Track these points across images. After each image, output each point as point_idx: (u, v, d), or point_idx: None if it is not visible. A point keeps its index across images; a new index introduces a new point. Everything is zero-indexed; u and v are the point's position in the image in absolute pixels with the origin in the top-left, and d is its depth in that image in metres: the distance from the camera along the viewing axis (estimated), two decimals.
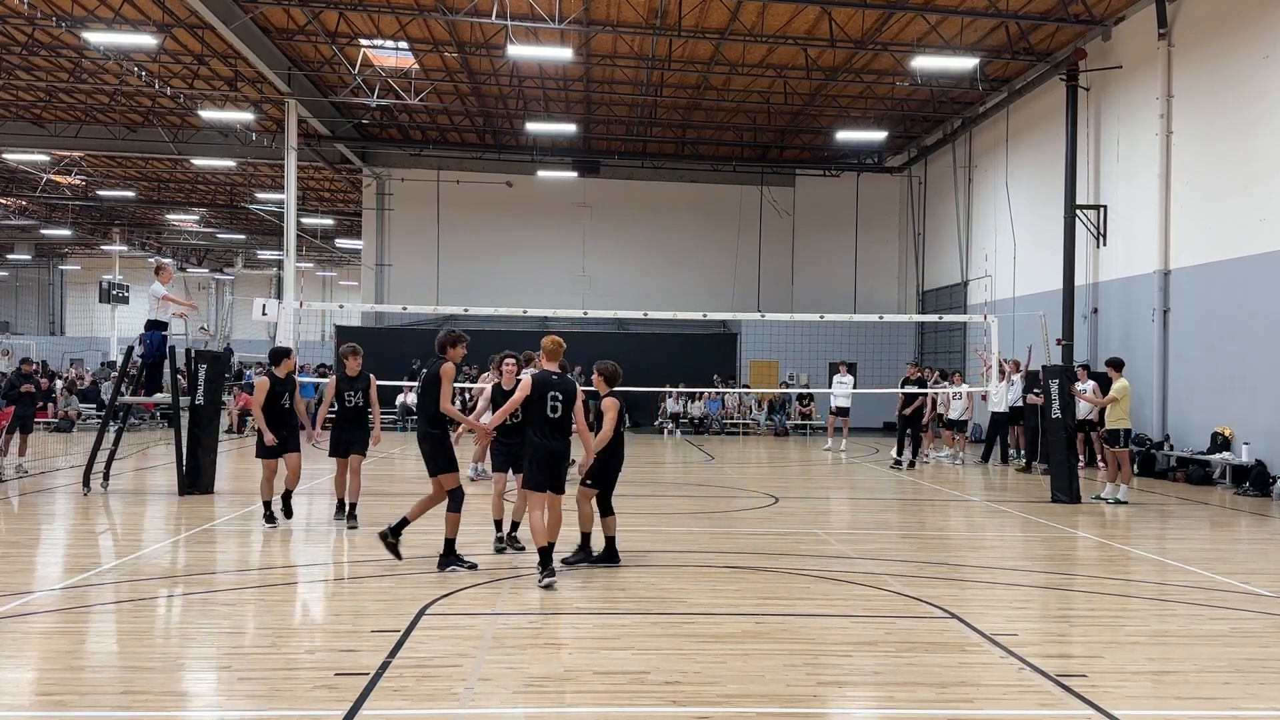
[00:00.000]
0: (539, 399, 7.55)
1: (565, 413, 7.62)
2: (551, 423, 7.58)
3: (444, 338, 8.15)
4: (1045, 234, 21.00)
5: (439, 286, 29.92)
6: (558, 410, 7.57)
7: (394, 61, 23.11)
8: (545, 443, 7.58)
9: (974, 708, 5.00)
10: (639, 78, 24.31)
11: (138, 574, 7.91)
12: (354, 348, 10.42)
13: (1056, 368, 14.42)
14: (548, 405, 7.54)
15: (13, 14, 20.35)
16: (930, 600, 7.23)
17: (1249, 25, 15.40)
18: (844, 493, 14.70)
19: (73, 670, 5.42)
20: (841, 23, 19.95)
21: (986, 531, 11.12)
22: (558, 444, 7.63)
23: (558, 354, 7.78)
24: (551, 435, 7.59)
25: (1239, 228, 15.45)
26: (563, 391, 7.62)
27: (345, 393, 10.30)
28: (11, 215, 41.80)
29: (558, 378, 7.68)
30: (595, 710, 4.88)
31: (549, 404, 7.55)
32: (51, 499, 12.56)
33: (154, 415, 26.15)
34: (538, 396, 7.55)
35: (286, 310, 17.55)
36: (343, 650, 5.79)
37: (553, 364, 7.75)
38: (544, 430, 7.58)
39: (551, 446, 7.60)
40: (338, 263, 53.62)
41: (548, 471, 7.62)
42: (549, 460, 7.61)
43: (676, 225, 31.36)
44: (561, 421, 7.62)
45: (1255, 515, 12.49)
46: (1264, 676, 5.58)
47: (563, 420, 7.63)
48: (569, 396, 7.63)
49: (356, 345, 10.53)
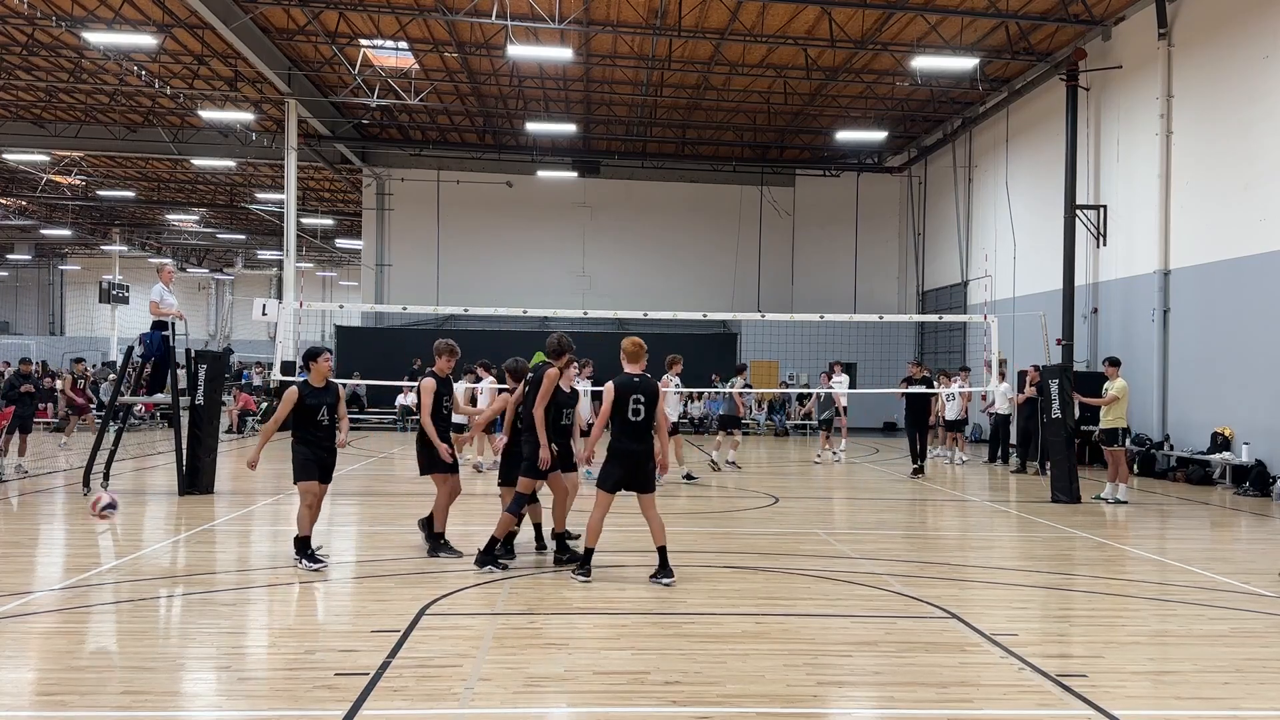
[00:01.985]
0: (621, 402, 7.61)
1: (648, 415, 7.68)
2: (633, 425, 7.64)
3: (554, 344, 8.31)
4: (1045, 234, 21.01)
5: (439, 286, 29.93)
6: (640, 413, 7.64)
7: (394, 61, 23.11)
8: (627, 445, 7.64)
9: (974, 708, 5.00)
10: (639, 78, 24.32)
11: (138, 574, 7.91)
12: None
13: (1056, 368, 14.41)
14: (629, 409, 7.63)
15: (13, 14, 20.34)
16: (930, 600, 7.23)
17: (1249, 25, 15.40)
18: (844, 493, 14.70)
19: (73, 670, 5.42)
20: (841, 23, 19.95)
21: (987, 531, 11.12)
22: (639, 445, 7.68)
23: (639, 356, 7.80)
24: (633, 437, 7.64)
25: (1239, 228, 15.46)
26: (645, 394, 7.68)
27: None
28: (11, 215, 41.82)
29: (639, 380, 7.72)
30: (595, 710, 4.88)
31: (631, 407, 7.63)
32: (51, 499, 12.56)
33: (154, 415, 26.14)
34: (621, 398, 7.61)
35: (286, 310, 17.54)
36: (343, 650, 5.79)
37: (634, 366, 7.78)
38: (626, 432, 7.64)
39: (633, 448, 7.65)
40: (338, 263, 53.62)
41: (627, 472, 7.66)
42: (629, 461, 7.64)
43: (676, 225, 31.37)
44: (644, 424, 7.67)
45: (1255, 515, 12.49)
46: (1264, 676, 5.58)
47: (645, 422, 7.68)
48: (651, 398, 7.70)
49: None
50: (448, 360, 8.72)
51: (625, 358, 7.82)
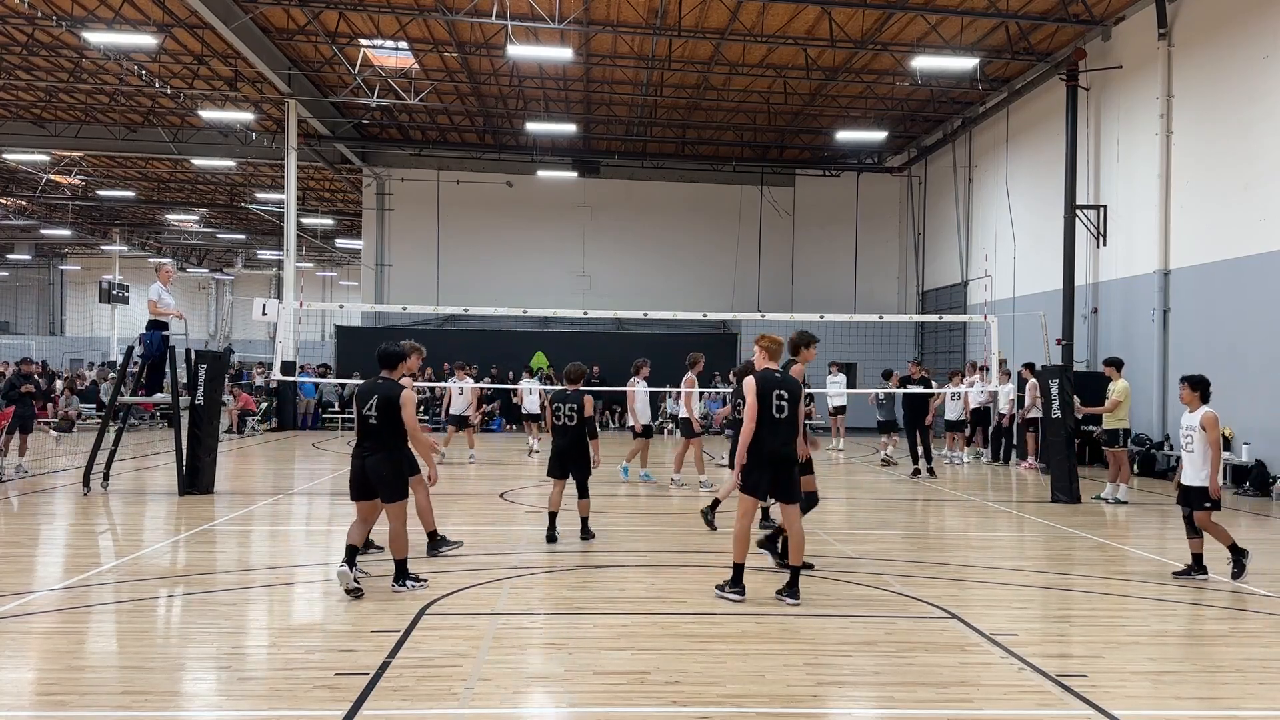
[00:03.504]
0: (764, 397, 7.11)
1: (792, 412, 7.18)
2: (776, 422, 7.11)
3: (798, 337, 8.31)
4: (1045, 234, 21.01)
5: (439, 286, 29.92)
6: (784, 410, 7.13)
7: (394, 61, 23.11)
8: (773, 445, 7.10)
9: (974, 708, 5.00)
10: (639, 78, 24.31)
11: (138, 574, 7.91)
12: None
13: (1056, 368, 14.41)
14: (773, 405, 7.11)
15: (13, 14, 20.34)
16: (930, 600, 7.23)
17: (1249, 25, 15.40)
18: (844, 493, 14.69)
19: (73, 670, 5.42)
20: (841, 23, 19.95)
21: (986, 531, 11.12)
22: (786, 446, 7.16)
23: (778, 353, 7.46)
24: (777, 436, 7.12)
25: (1239, 228, 15.45)
26: (788, 390, 7.21)
27: None
28: (11, 215, 41.80)
29: (780, 375, 7.29)
30: (595, 710, 4.88)
31: (775, 403, 7.12)
32: (51, 499, 12.56)
33: (154, 415, 26.14)
34: (764, 394, 7.11)
35: (286, 310, 17.54)
36: (343, 650, 5.79)
37: (774, 363, 7.40)
38: (771, 431, 7.10)
39: (779, 450, 7.11)
40: (338, 263, 53.61)
41: (773, 476, 7.12)
42: (774, 463, 7.11)
43: (676, 225, 31.37)
44: (790, 421, 7.17)
45: (1255, 515, 12.49)
46: (1264, 676, 5.58)
47: (790, 420, 7.18)
48: (795, 395, 7.23)
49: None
50: (417, 359, 9.42)
51: (763, 353, 7.41)
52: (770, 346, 7.43)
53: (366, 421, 7.27)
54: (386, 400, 7.24)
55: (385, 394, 7.27)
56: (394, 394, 7.26)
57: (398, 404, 7.22)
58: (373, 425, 7.23)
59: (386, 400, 7.24)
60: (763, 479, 7.11)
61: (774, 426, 7.11)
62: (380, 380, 7.39)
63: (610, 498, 13.11)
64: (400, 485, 7.30)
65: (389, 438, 7.25)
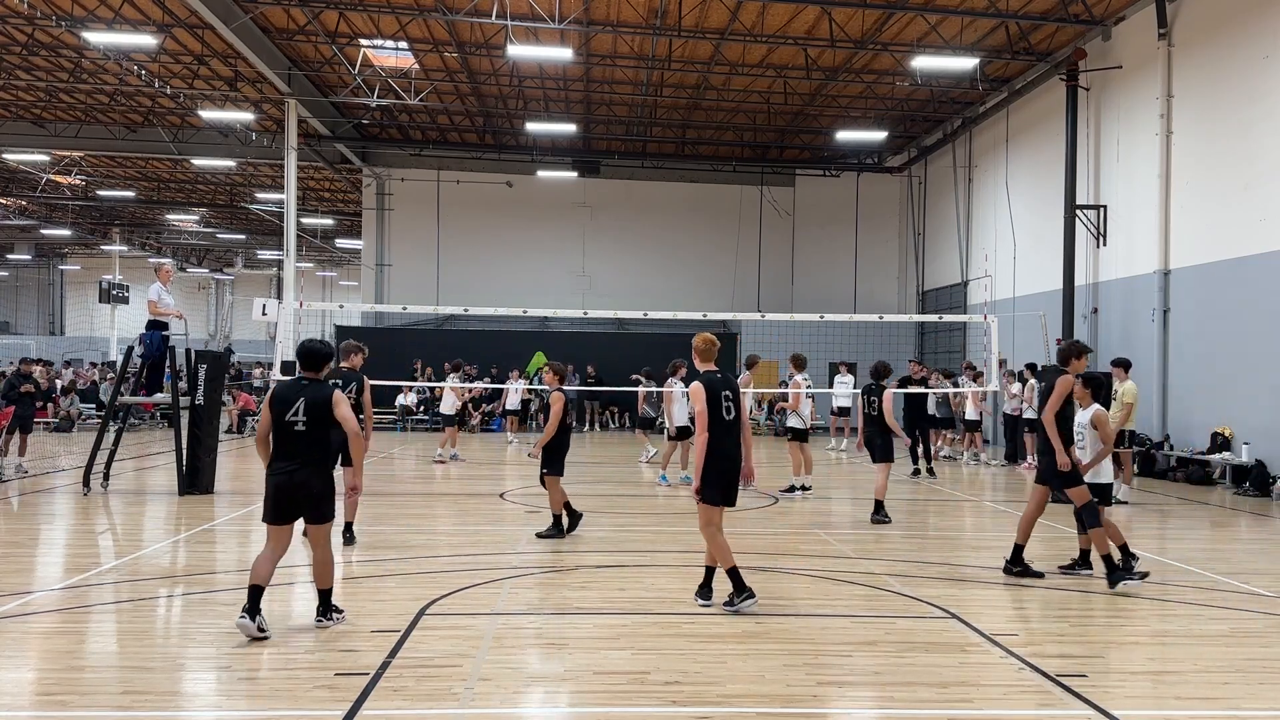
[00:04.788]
0: (713, 400, 6.88)
1: (737, 412, 6.99)
2: (727, 425, 6.90)
3: (1067, 348, 8.27)
4: (1045, 234, 21.01)
5: (439, 286, 29.93)
6: (731, 411, 6.93)
7: (394, 61, 23.11)
8: (729, 450, 6.88)
9: (974, 708, 5.00)
10: (639, 78, 24.31)
11: (138, 574, 7.91)
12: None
13: (1055, 368, 14.36)
14: (722, 407, 6.90)
15: (13, 14, 20.34)
16: (930, 600, 7.23)
17: (1249, 25, 15.40)
18: (845, 493, 14.69)
19: (73, 670, 5.42)
20: (841, 23, 19.95)
21: (987, 531, 11.12)
22: (739, 447, 6.97)
23: (712, 353, 7.17)
24: (730, 438, 6.91)
25: (1239, 228, 15.45)
26: (732, 389, 7.02)
27: None
28: (11, 215, 41.81)
29: (722, 375, 7.06)
30: (595, 710, 4.88)
31: (723, 405, 6.90)
32: (51, 499, 12.56)
33: (154, 415, 26.15)
34: (712, 398, 6.88)
35: (286, 310, 17.56)
36: (343, 650, 5.79)
37: (709, 364, 7.12)
38: (723, 435, 6.87)
39: (734, 453, 6.92)
40: (338, 263, 53.63)
41: (731, 481, 6.94)
42: (731, 468, 6.92)
43: (676, 225, 31.37)
44: (736, 423, 6.97)
45: (1255, 515, 12.49)
46: (1264, 676, 5.58)
47: (737, 420, 6.98)
48: (738, 393, 7.05)
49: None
50: (360, 358, 9.49)
51: (698, 355, 7.20)
52: (704, 348, 7.18)
53: (290, 430, 6.25)
54: (316, 404, 6.27)
55: (314, 398, 6.29)
56: (324, 396, 6.32)
57: (330, 406, 6.29)
58: (299, 433, 6.25)
59: (316, 404, 6.27)
60: (722, 485, 6.87)
61: (727, 429, 6.90)
62: (304, 382, 6.39)
63: (611, 498, 13.12)
64: (333, 504, 6.45)
65: (320, 448, 6.35)
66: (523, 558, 8.63)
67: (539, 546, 9.24)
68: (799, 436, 13.96)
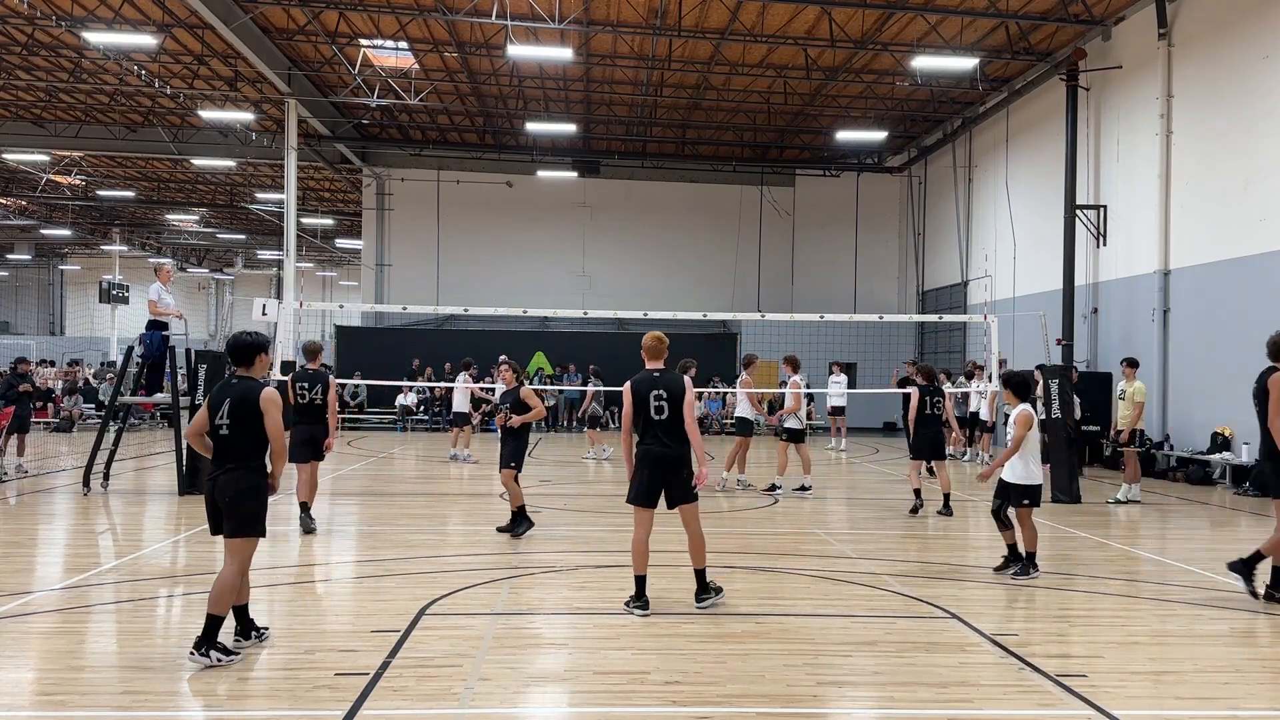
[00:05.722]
0: (641, 400, 6.81)
1: (673, 412, 6.81)
2: (657, 424, 6.80)
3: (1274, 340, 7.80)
4: (1045, 234, 21.01)
5: (439, 286, 29.93)
6: (664, 410, 6.79)
7: (394, 61, 23.10)
8: (650, 448, 6.80)
9: (974, 708, 5.00)
10: (639, 78, 24.31)
11: (138, 574, 7.91)
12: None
13: (1056, 368, 14.40)
14: (651, 406, 6.79)
15: (13, 14, 20.33)
16: (930, 600, 7.23)
17: (1249, 25, 15.40)
18: (844, 493, 14.69)
19: (73, 670, 5.42)
20: (841, 23, 19.95)
21: (987, 532, 11.10)
22: (667, 449, 6.79)
23: (660, 352, 7.04)
24: (658, 439, 6.80)
25: (1239, 227, 15.45)
26: (668, 389, 6.84)
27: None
28: (11, 215, 41.79)
29: (658, 375, 6.91)
30: (595, 710, 4.88)
31: (653, 404, 6.79)
32: (51, 499, 12.56)
33: (154, 415, 26.15)
34: (639, 397, 6.82)
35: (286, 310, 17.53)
36: (343, 650, 5.79)
37: (655, 362, 7.02)
38: (650, 435, 6.81)
39: (657, 452, 6.79)
40: (338, 263, 53.61)
41: (654, 482, 6.81)
42: (659, 466, 6.79)
43: (676, 225, 31.37)
44: (669, 423, 6.80)
45: (1255, 515, 12.48)
46: (1264, 676, 5.58)
47: (670, 421, 6.81)
48: (675, 394, 6.83)
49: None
50: (320, 358, 10.52)
51: (645, 353, 7.06)
52: (651, 345, 7.05)
53: (216, 434, 5.68)
54: (241, 403, 5.65)
55: (240, 396, 5.66)
56: (251, 395, 5.65)
57: (257, 407, 5.64)
58: (223, 437, 5.65)
59: (241, 403, 5.65)
60: (646, 484, 6.79)
61: (653, 429, 6.80)
62: (234, 380, 5.79)
63: (612, 498, 13.12)
64: (257, 518, 5.73)
65: (248, 452, 5.68)
66: (523, 558, 8.63)
67: (539, 546, 9.24)
68: (795, 438, 13.96)
